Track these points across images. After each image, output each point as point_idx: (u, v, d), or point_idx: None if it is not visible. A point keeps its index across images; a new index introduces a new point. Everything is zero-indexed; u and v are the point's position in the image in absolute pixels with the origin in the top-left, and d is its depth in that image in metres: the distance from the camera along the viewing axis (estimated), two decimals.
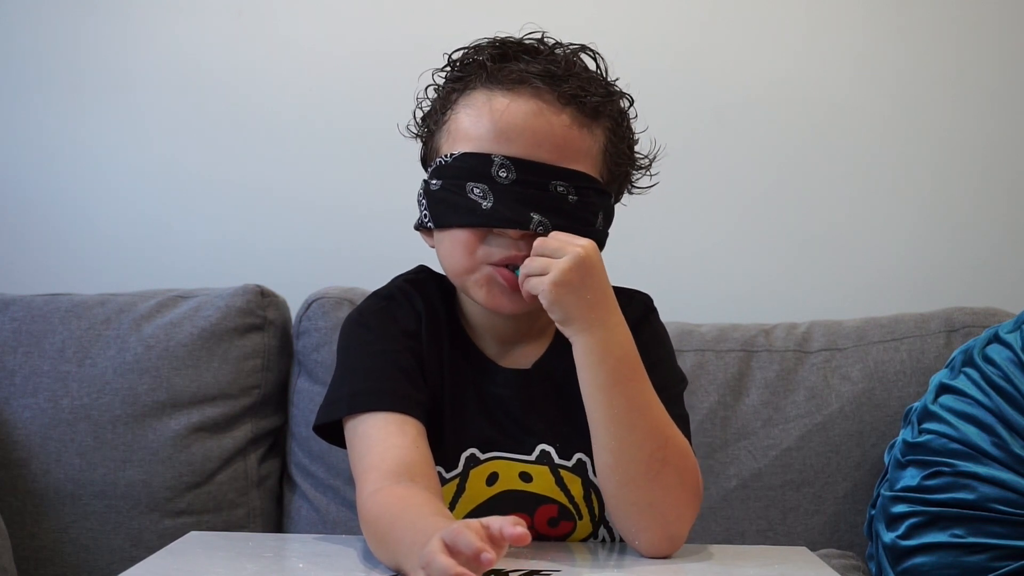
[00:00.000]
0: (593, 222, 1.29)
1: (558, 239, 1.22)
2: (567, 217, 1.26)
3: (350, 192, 2.15)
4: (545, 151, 1.26)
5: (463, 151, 1.27)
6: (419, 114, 1.37)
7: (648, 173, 1.38)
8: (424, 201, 1.31)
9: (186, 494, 1.80)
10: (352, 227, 2.14)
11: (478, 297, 1.29)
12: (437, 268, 1.42)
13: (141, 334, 1.83)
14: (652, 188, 1.40)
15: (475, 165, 1.26)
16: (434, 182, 1.29)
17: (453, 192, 1.27)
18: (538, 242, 1.22)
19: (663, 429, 1.24)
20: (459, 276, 1.30)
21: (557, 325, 1.24)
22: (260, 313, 1.88)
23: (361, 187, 2.14)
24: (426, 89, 1.36)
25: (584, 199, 1.27)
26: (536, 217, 1.25)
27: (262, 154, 2.16)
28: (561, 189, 1.26)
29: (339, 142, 2.15)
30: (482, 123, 1.26)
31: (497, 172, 1.25)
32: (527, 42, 1.32)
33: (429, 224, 1.30)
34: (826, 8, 2.18)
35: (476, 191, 1.26)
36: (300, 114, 2.16)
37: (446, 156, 1.28)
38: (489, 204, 1.25)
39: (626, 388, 1.23)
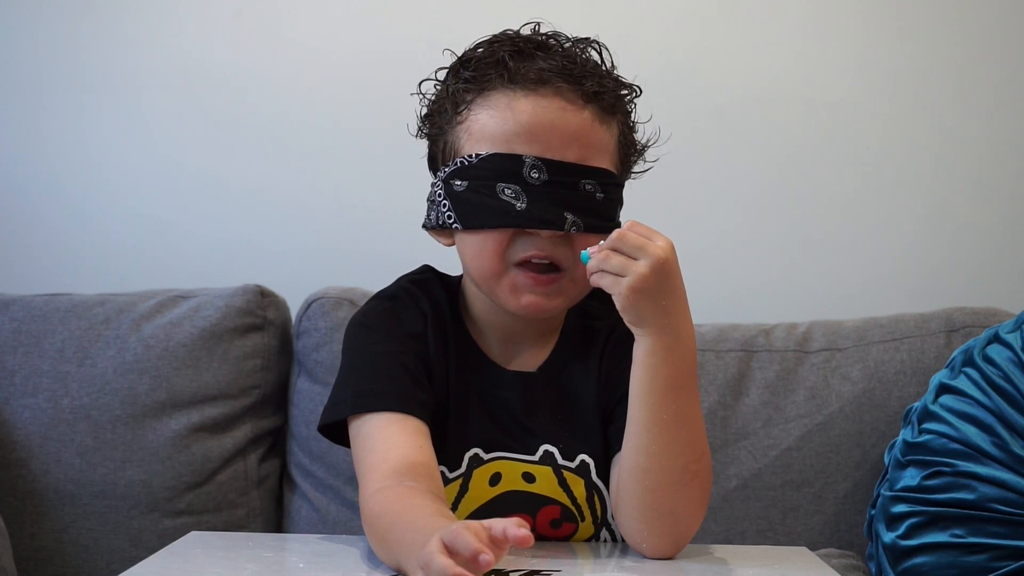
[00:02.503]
0: (615, 217, 1.30)
1: (638, 234, 1.18)
2: (596, 215, 1.26)
3: (350, 192, 2.15)
4: (573, 150, 1.26)
5: (490, 151, 1.26)
6: (423, 112, 1.36)
7: (643, 159, 1.37)
8: (446, 202, 1.29)
9: (186, 494, 1.80)
10: (352, 227, 2.14)
11: (507, 303, 1.29)
12: (439, 267, 1.42)
13: (141, 334, 1.83)
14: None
15: (505, 166, 1.25)
16: (458, 183, 1.27)
17: (482, 193, 1.26)
18: (616, 235, 1.18)
19: (701, 443, 1.24)
20: (486, 280, 1.29)
21: (627, 324, 1.21)
22: (260, 313, 1.88)
23: (361, 187, 2.14)
24: (420, 85, 1.35)
25: (608, 195, 1.28)
26: (570, 217, 1.25)
27: (262, 154, 2.16)
28: (589, 187, 1.26)
29: (339, 142, 2.15)
30: (508, 123, 1.26)
31: (529, 172, 1.25)
32: (537, 38, 1.32)
33: (455, 226, 1.28)
34: (826, 8, 2.18)
35: (508, 192, 1.25)
36: (300, 114, 2.16)
37: (469, 156, 1.27)
38: (523, 205, 1.25)
39: (678, 396, 1.21)
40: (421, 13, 2.15)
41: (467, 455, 1.32)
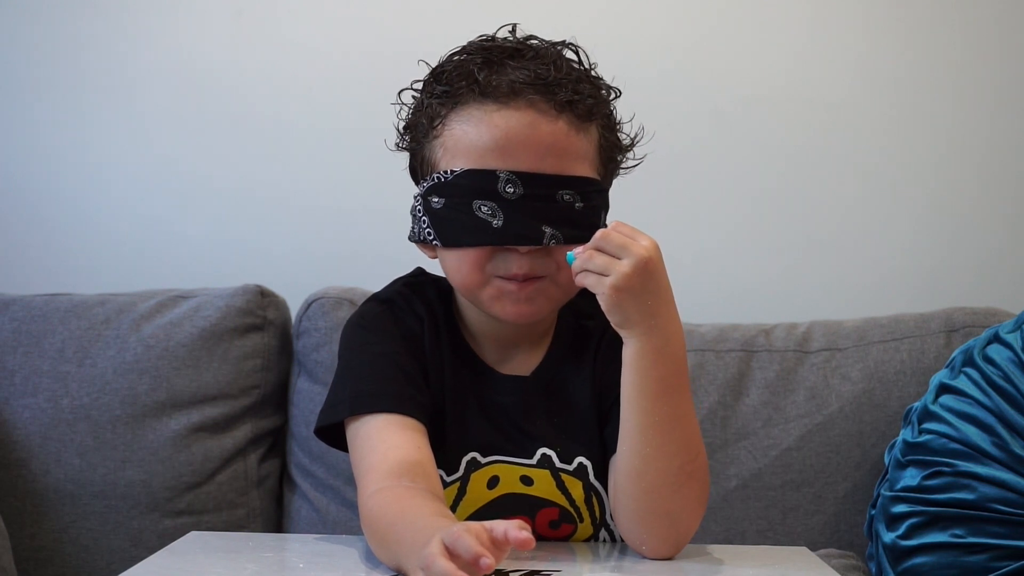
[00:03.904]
0: (599, 224, 1.29)
1: (621, 234, 1.18)
2: (576, 226, 1.25)
3: (350, 192, 2.15)
4: (548, 162, 1.24)
5: (465, 168, 1.25)
6: (400, 124, 1.35)
7: (632, 155, 1.36)
8: (425, 218, 1.29)
9: (186, 494, 1.80)
10: (352, 227, 2.14)
11: (490, 310, 1.28)
12: (434, 270, 1.42)
13: (141, 334, 1.83)
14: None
15: (480, 182, 1.24)
16: (435, 199, 1.27)
17: (459, 211, 1.25)
18: (600, 235, 1.18)
19: (696, 443, 1.24)
20: (469, 291, 1.29)
21: (614, 326, 1.21)
22: (260, 313, 1.88)
23: (361, 187, 2.14)
24: (399, 95, 1.34)
25: (589, 203, 1.27)
26: (548, 231, 1.24)
27: (262, 154, 2.16)
28: (568, 198, 1.25)
29: (339, 142, 2.15)
30: (482, 139, 1.24)
31: (504, 188, 1.24)
32: (509, 45, 1.30)
33: (435, 242, 1.28)
34: (826, 8, 2.18)
35: (484, 209, 1.24)
36: (300, 114, 2.16)
37: (445, 172, 1.26)
38: (499, 222, 1.24)
39: (671, 398, 1.21)
40: (421, 13, 2.15)
41: (464, 459, 1.31)
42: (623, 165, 1.36)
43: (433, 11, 2.15)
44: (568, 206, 1.25)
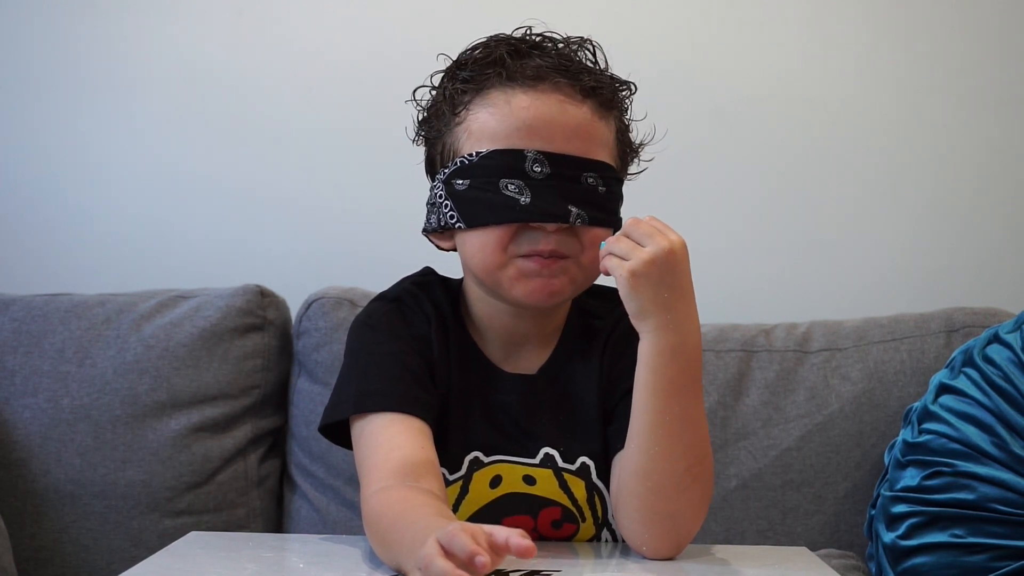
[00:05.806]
0: (617, 211, 1.31)
1: (651, 225, 1.21)
2: (599, 209, 1.27)
3: (350, 192, 2.15)
4: (574, 144, 1.26)
5: (491, 148, 1.26)
6: (419, 118, 1.35)
7: (638, 160, 1.38)
8: (448, 202, 1.28)
9: (186, 494, 1.80)
10: (352, 227, 2.15)
11: (511, 292, 1.28)
12: (439, 270, 1.42)
13: (141, 334, 1.83)
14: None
15: (507, 161, 1.25)
16: (459, 182, 1.27)
17: (485, 190, 1.26)
18: (631, 221, 1.21)
19: (703, 446, 1.24)
20: (490, 273, 1.28)
21: (630, 317, 1.22)
22: (260, 313, 1.88)
23: (361, 187, 2.14)
24: (414, 92, 1.35)
25: (610, 189, 1.29)
26: (574, 210, 1.25)
27: (262, 154, 2.16)
28: (592, 181, 1.27)
29: (339, 143, 2.15)
30: (509, 120, 1.26)
31: (531, 167, 1.25)
32: (532, 39, 1.32)
33: (458, 225, 1.28)
34: (826, 8, 2.18)
35: (511, 187, 1.25)
36: (300, 114, 2.16)
37: (470, 155, 1.27)
38: (527, 200, 1.25)
39: (682, 398, 1.21)
40: (421, 13, 2.15)
41: (467, 458, 1.31)
42: (631, 170, 1.37)
43: (434, 12, 2.15)
44: (592, 188, 1.27)
